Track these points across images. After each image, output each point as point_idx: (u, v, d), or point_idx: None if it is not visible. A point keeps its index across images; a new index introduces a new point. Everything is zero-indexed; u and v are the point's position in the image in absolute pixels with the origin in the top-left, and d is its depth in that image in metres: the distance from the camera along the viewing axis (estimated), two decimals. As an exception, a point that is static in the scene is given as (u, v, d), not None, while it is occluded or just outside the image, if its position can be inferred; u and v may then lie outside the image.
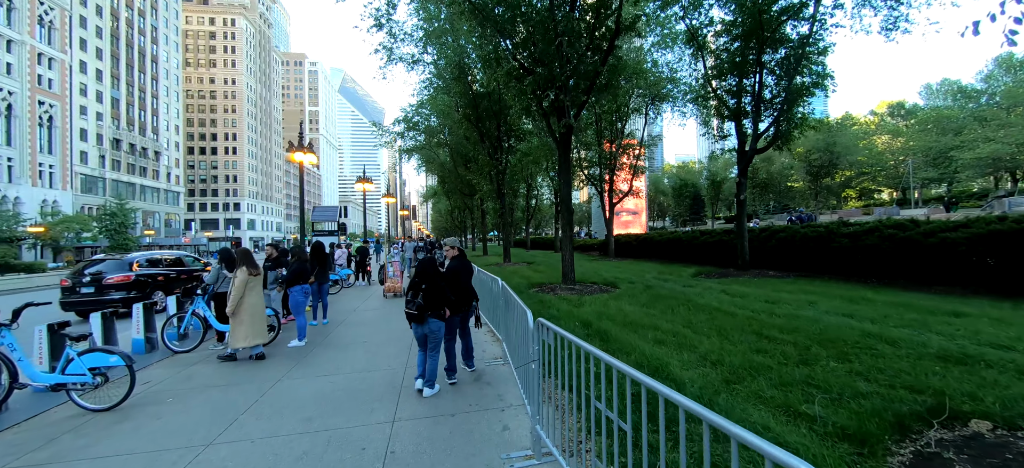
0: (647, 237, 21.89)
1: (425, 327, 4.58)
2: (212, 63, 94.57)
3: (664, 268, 15.97)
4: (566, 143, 11.26)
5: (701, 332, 6.24)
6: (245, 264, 5.96)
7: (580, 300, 9.49)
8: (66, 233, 46.54)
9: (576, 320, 7.29)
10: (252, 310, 5.92)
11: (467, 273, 5.43)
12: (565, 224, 11.29)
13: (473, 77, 19.81)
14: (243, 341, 5.84)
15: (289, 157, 14.92)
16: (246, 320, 5.85)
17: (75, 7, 55.89)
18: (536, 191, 40.67)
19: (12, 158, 47.90)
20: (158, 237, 69.33)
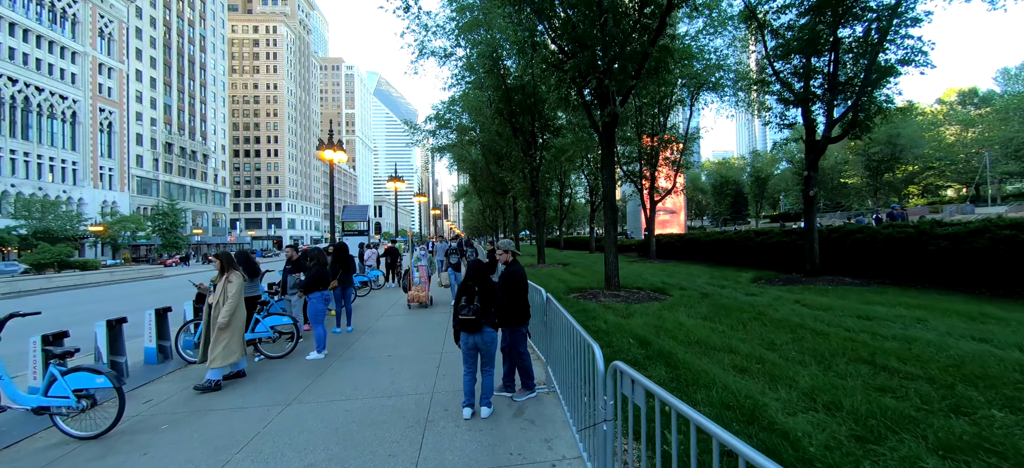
0: (691, 237, 20.32)
1: (479, 337, 3.99)
2: (255, 69, 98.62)
3: (715, 272, 14.52)
4: (610, 134, 10.18)
5: (791, 357, 5.06)
6: (236, 267, 5.26)
7: (628, 309, 8.41)
8: (123, 232, 49.40)
9: (629, 336, 6.25)
10: (238, 325, 5.23)
11: (523, 281, 4.55)
12: (608, 223, 10.21)
13: (506, 71, 18.95)
14: (222, 360, 5.03)
15: (319, 155, 14.57)
16: (227, 337, 5.07)
17: (131, 19, 59.34)
18: (570, 189, 39.42)
19: (77, 162, 51.35)
20: (206, 236, 72.92)
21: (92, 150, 52.73)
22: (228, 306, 5.04)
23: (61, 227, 41.12)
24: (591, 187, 32.15)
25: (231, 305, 5.04)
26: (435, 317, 8.99)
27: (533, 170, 19.33)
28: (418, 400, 4.57)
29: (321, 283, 6.33)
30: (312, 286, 6.28)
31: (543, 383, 4.84)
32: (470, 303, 3.97)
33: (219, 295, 5.10)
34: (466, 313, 3.95)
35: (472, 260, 4.34)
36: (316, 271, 6.34)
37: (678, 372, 4.63)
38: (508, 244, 4.67)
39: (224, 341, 5.02)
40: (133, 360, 6.24)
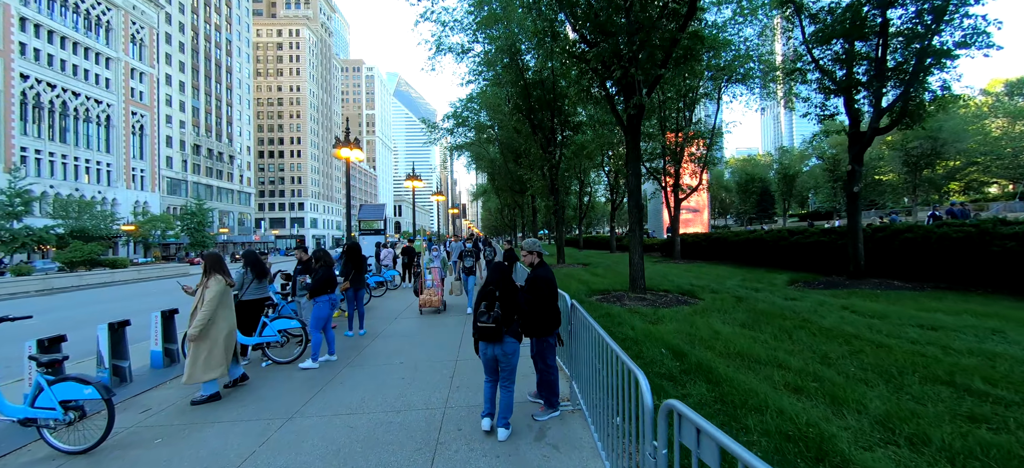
0: (718, 236, 19.41)
1: (499, 348, 3.61)
2: (279, 72, 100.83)
3: (746, 273, 13.71)
4: (635, 127, 9.58)
5: (851, 374, 4.44)
6: (218, 272, 4.77)
7: (656, 314, 7.82)
8: (153, 231, 51.04)
9: (660, 345, 5.70)
10: (220, 335, 4.71)
11: (551, 287, 4.01)
12: (634, 221, 9.62)
13: (525, 66, 18.47)
14: (202, 374, 4.55)
15: (336, 153, 14.41)
16: (205, 349, 4.61)
17: (161, 25, 61.29)
18: (589, 188, 38.63)
19: (111, 164, 53.32)
20: (232, 235, 74.90)
21: (125, 152, 54.68)
22: (200, 316, 4.54)
23: (96, 226, 42.68)
24: (611, 185, 31.33)
25: (204, 315, 4.54)
26: (450, 320, 8.59)
27: (552, 167, 18.79)
28: (429, 417, 4.15)
29: (328, 286, 5.99)
30: (319, 289, 5.94)
31: (567, 400, 4.35)
32: (490, 310, 3.58)
33: (196, 302, 4.69)
34: (485, 320, 3.57)
35: (493, 262, 3.96)
36: (323, 274, 5.99)
37: (721, 390, 4.08)
38: (533, 244, 4.21)
39: (203, 353, 4.59)
40: (140, 364, 6.03)
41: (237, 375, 5.11)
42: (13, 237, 35.68)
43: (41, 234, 37.42)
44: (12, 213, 35.64)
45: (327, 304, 5.91)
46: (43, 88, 45.81)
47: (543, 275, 3.99)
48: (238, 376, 5.09)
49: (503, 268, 3.78)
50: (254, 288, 6.42)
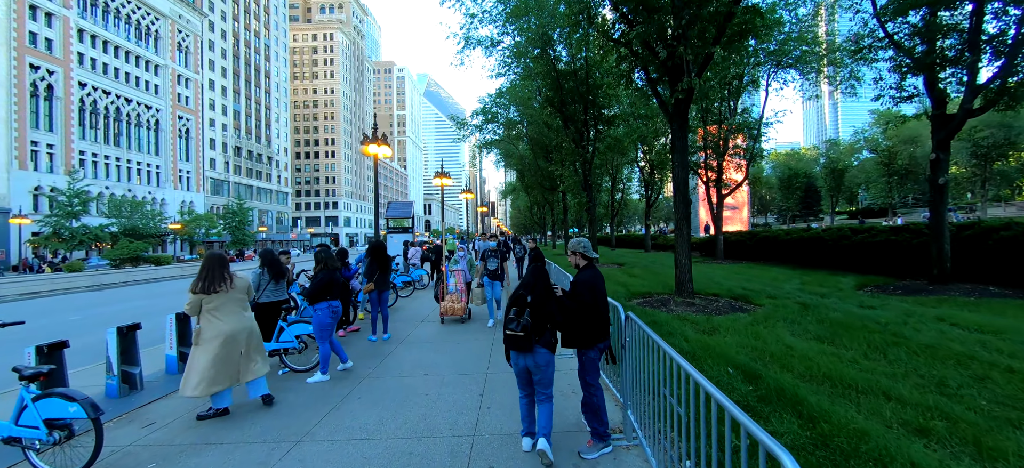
0: (766, 235, 17.97)
1: (531, 359, 3.26)
2: (314, 75, 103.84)
3: (803, 276, 12.44)
4: (683, 113, 8.66)
5: (984, 409, 3.48)
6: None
7: (710, 323, 6.92)
8: (198, 229, 53.41)
9: (723, 362, 4.85)
10: (210, 344, 4.20)
11: (594, 294, 3.46)
12: (680, 217, 8.70)
13: (557, 56, 17.67)
14: (200, 388, 4.09)
15: (363, 150, 14.12)
16: (202, 361, 4.15)
17: (205, 32, 64.09)
18: (622, 184, 37.33)
19: (160, 166, 56.20)
20: (270, 233, 77.68)
21: (172, 154, 57.50)
22: (201, 330, 4.25)
23: (145, 225, 44.99)
24: (646, 181, 30.02)
25: (202, 334, 4.23)
26: (478, 328, 7.98)
27: (586, 162, 17.90)
28: (455, 446, 3.52)
29: (328, 291, 5.39)
30: (318, 294, 5.37)
31: (619, 432, 3.61)
32: (519, 316, 3.22)
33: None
34: (514, 328, 3.21)
35: (533, 266, 3.54)
36: (322, 277, 5.40)
37: (819, 429, 3.23)
38: (579, 244, 3.69)
39: (199, 366, 4.14)
40: (155, 369, 5.72)
41: (256, 395, 4.57)
42: (73, 235, 38.02)
43: (97, 232, 39.71)
44: (71, 212, 37.95)
45: (327, 311, 5.33)
46: (99, 95, 48.69)
47: (586, 279, 3.49)
48: (259, 395, 4.57)
49: (540, 270, 3.41)
50: (271, 290, 5.99)
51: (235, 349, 4.31)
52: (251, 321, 4.54)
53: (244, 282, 4.57)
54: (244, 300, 4.53)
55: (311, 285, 5.43)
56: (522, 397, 3.42)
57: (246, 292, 4.58)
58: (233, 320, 4.32)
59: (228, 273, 4.38)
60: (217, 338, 4.23)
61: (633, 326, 3.48)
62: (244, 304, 4.52)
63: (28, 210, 39.30)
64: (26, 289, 19.35)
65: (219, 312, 4.27)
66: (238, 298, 4.44)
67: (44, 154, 43.29)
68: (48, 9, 43.87)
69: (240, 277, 4.53)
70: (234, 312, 4.36)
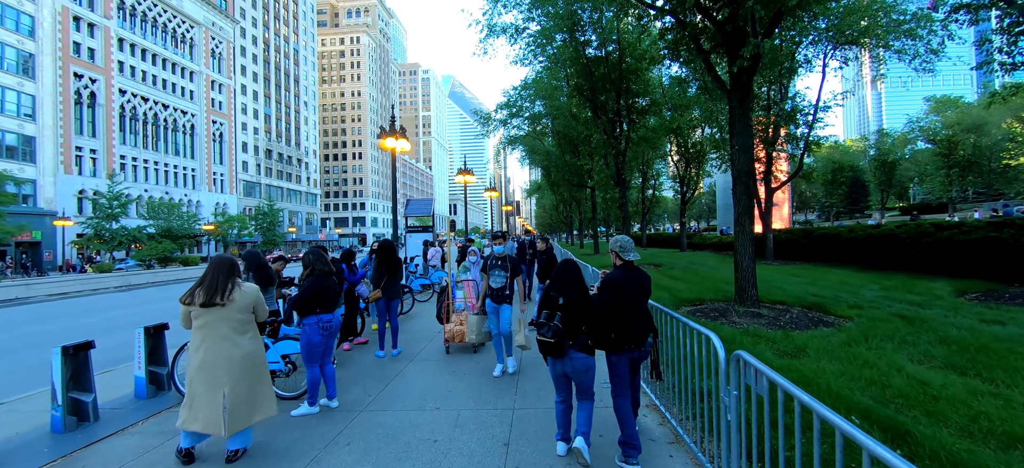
0: (824, 233, 16.09)
1: (568, 364, 3.10)
2: (342, 79, 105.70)
3: (878, 280, 10.72)
4: (745, 87, 7.28)
5: None
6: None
7: (789, 340, 5.55)
8: (230, 230, 54.73)
9: (830, 400, 3.53)
10: (193, 372, 3.27)
11: (626, 292, 3.17)
12: (741, 211, 7.33)
13: (586, 40, 16.39)
14: (182, 419, 3.27)
15: (380, 144, 13.28)
16: (192, 384, 3.25)
17: (237, 39, 65.81)
18: (653, 180, 35.45)
19: (195, 169, 57.97)
20: (299, 233, 79.29)
21: (207, 158, 59.22)
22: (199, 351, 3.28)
23: (180, 226, 46.30)
24: (681, 176, 28.21)
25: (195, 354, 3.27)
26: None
27: (618, 155, 16.53)
28: (468, 539, 2.39)
29: (317, 303, 4.33)
30: (305, 306, 4.30)
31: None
32: (550, 319, 3.07)
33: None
34: (545, 333, 3.06)
35: (563, 261, 3.39)
36: (309, 286, 4.35)
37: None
38: (616, 242, 3.42)
39: (189, 392, 3.25)
40: (120, 393, 4.87)
41: (236, 447, 3.39)
42: (112, 236, 39.37)
43: (135, 233, 41.02)
44: (111, 215, 39.29)
45: (316, 328, 4.28)
46: (138, 101, 50.52)
47: (611, 280, 3.22)
48: (239, 448, 3.42)
49: (572, 266, 3.26)
50: (260, 298, 5.06)
51: (215, 387, 3.20)
52: (247, 351, 3.35)
53: (249, 298, 3.41)
54: (244, 322, 3.38)
55: (296, 295, 4.43)
56: (558, 402, 3.27)
57: (248, 311, 3.42)
58: (215, 347, 3.24)
59: (230, 283, 3.33)
60: (192, 367, 3.26)
61: (691, 336, 2.28)
62: (242, 326, 3.37)
63: (73, 213, 41.01)
64: (56, 290, 19.64)
65: (204, 332, 3.26)
66: (234, 319, 3.31)
67: (87, 159, 45.15)
68: (90, 20, 45.73)
69: (247, 290, 3.42)
70: (222, 336, 3.26)
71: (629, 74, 16.08)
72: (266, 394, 3.41)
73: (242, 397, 3.23)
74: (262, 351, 3.48)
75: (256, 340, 3.45)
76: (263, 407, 3.37)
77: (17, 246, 37.77)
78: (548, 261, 8.76)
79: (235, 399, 3.20)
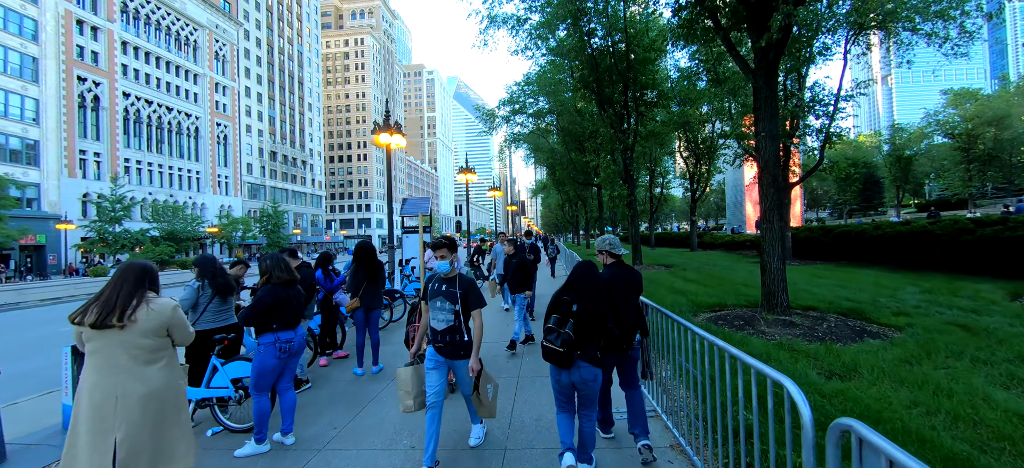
0: (845, 230, 15.13)
1: (575, 375, 2.84)
2: (346, 80, 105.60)
3: (920, 282, 9.79)
4: (771, 67, 6.45)
5: None
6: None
7: (833, 355, 4.72)
8: (234, 233, 54.53)
9: (928, 449, 2.71)
10: (79, 411, 2.46)
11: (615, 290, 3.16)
12: (769, 206, 6.49)
13: (591, 30, 15.57)
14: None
15: (375, 140, 12.58)
16: (72, 432, 2.43)
17: (240, 41, 65.74)
18: (662, 178, 34.50)
19: (199, 171, 57.88)
20: (305, 235, 79.14)
21: (211, 160, 59.13)
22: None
23: (184, 229, 46.10)
24: (691, 173, 27.27)
25: None
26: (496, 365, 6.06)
27: (626, 150, 15.69)
28: None
29: (275, 317, 3.61)
30: (260, 321, 3.59)
31: None
32: (560, 326, 2.78)
33: None
34: (553, 341, 2.77)
35: (579, 263, 3.10)
36: (263, 296, 3.63)
37: None
38: (607, 241, 3.46)
39: (69, 437, 2.49)
40: (45, 424, 4.16)
41: None
42: (115, 239, 39.19)
43: (138, 236, 40.82)
44: (114, 218, 39.11)
45: (272, 349, 3.54)
46: (141, 104, 50.45)
47: (618, 276, 3.22)
48: None
49: (590, 269, 2.98)
50: (213, 311, 4.34)
51: (103, 433, 2.40)
52: (153, 387, 2.53)
53: (160, 318, 2.58)
54: (152, 348, 2.56)
55: (247, 306, 3.68)
56: (560, 413, 3.05)
57: (159, 334, 2.60)
58: (108, 381, 2.44)
59: (135, 299, 2.55)
60: (78, 405, 2.50)
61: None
62: (148, 355, 2.54)
63: (77, 216, 40.92)
64: (49, 295, 19.20)
65: (96, 361, 2.47)
66: (137, 344, 2.50)
67: (91, 162, 45.09)
68: (94, 23, 45.68)
69: (158, 308, 2.59)
70: (118, 367, 2.46)
71: (637, 65, 15.24)
72: (179, 442, 2.64)
73: (141, 447, 2.46)
74: (179, 386, 2.71)
75: (171, 372, 2.67)
76: (175, 459, 2.61)
77: (21, 250, 37.69)
78: (518, 269, 6.77)
79: (131, 449, 2.42)
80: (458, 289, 3.24)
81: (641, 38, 15.65)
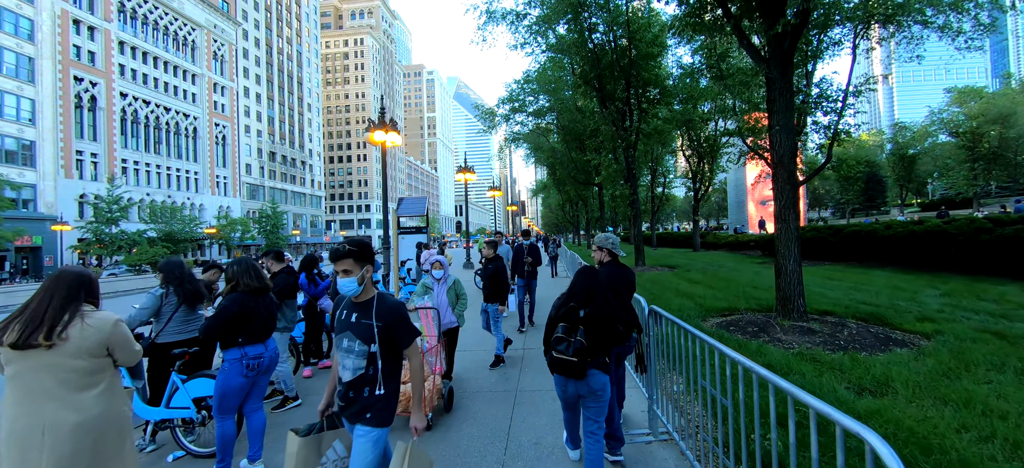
0: (858, 229, 14.72)
1: (584, 384, 2.68)
2: (346, 80, 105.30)
3: (937, 283, 9.38)
4: (787, 56, 6.05)
5: None
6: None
7: (859, 366, 4.31)
8: (232, 233, 54.18)
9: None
10: (13, 443, 2.02)
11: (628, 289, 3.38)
12: (786, 203, 6.09)
13: (592, 24, 15.17)
14: None
15: (370, 138, 12.19)
16: None
17: (239, 41, 65.39)
18: (663, 177, 34.08)
19: (198, 172, 57.54)
20: (304, 236, 78.79)
21: (210, 161, 58.79)
22: None
23: (181, 230, 45.76)
24: (694, 172, 26.84)
25: None
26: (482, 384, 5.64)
27: (628, 148, 15.28)
28: None
29: (241, 330, 3.20)
30: (224, 334, 3.20)
31: None
32: (569, 334, 2.64)
33: None
34: (564, 350, 2.61)
35: (582, 267, 2.97)
36: (228, 306, 3.19)
37: None
38: (609, 239, 3.57)
39: None
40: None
41: None
42: (112, 240, 38.84)
43: (135, 237, 40.46)
44: (111, 219, 38.79)
45: (238, 365, 3.15)
46: (139, 104, 50.11)
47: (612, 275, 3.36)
48: None
49: (592, 274, 2.84)
50: (179, 322, 3.94)
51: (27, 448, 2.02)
52: (87, 416, 2.10)
53: (97, 335, 2.14)
54: (86, 372, 2.12)
55: (209, 318, 3.28)
56: (567, 418, 3.03)
57: (97, 354, 2.15)
58: (32, 409, 2.03)
59: (66, 313, 2.11)
60: (12, 435, 2.08)
61: None
62: (81, 379, 2.10)
63: (73, 217, 40.56)
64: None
65: (17, 386, 2.05)
66: (67, 367, 2.07)
67: (88, 163, 44.76)
68: (90, 23, 45.35)
69: (96, 324, 2.15)
70: (44, 393, 2.04)
71: (639, 60, 14.83)
72: None
73: None
74: (121, 414, 2.29)
75: (111, 398, 2.25)
76: None
77: (17, 251, 37.35)
78: (494, 276, 5.82)
79: None
80: (375, 320, 2.21)
81: (643, 33, 15.26)
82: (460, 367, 5.33)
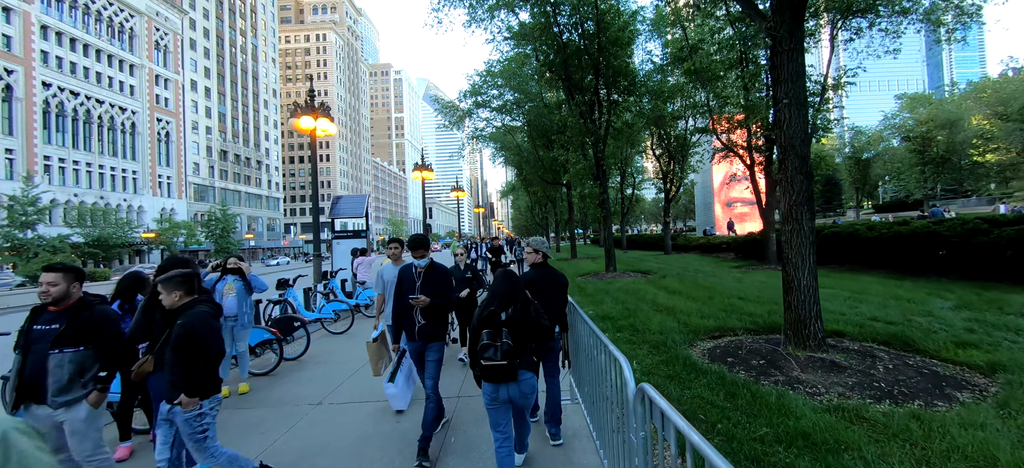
0: (839, 232, 13.93)
1: (515, 387, 2.64)
2: (307, 77, 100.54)
3: (938, 291, 8.39)
4: (797, 11, 4.71)
5: None
6: None
7: (924, 425, 2.91)
8: (176, 238, 49.76)
9: None
10: None
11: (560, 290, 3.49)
12: (800, 197, 4.76)
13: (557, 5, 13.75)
14: None
15: (294, 124, 10.25)
16: None
17: (185, 31, 60.69)
18: (633, 178, 33.23)
19: (136, 171, 52.69)
20: (260, 240, 74.11)
21: (151, 159, 54.00)
22: None
23: (114, 234, 41.40)
24: (664, 172, 25.99)
25: None
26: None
27: (597, 142, 13.94)
28: None
29: None
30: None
31: None
32: (495, 339, 2.58)
33: None
34: (492, 356, 2.56)
35: (498, 273, 2.85)
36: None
37: None
38: (540, 242, 3.58)
39: None
40: None
41: None
42: (27, 246, 34.41)
43: (54, 243, 36.07)
44: (26, 222, 34.39)
45: None
46: (66, 96, 45.24)
47: (541, 278, 3.42)
48: None
49: (511, 275, 2.80)
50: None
51: None
52: None
53: None
54: None
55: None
56: (499, 443, 2.71)
57: None
58: None
59: None
60: None
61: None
62: None
63: (-19, 221, 35.76)
64: None
65: None
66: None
67: (3, 160, 39.83)
68: (5, 3, 40.45)
69: None
70: None
71: (608, 45, 13.52)
72: None
73: None
74: None
75: None
76: None
77: (-90, 260, 32.47)
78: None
79: None
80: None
81: (613, 18, 14.00)
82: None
